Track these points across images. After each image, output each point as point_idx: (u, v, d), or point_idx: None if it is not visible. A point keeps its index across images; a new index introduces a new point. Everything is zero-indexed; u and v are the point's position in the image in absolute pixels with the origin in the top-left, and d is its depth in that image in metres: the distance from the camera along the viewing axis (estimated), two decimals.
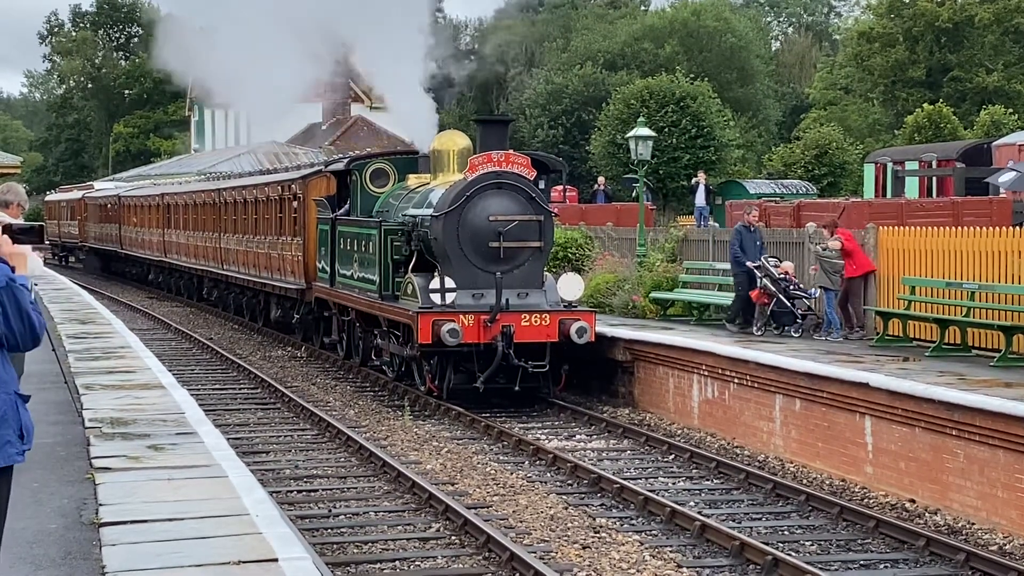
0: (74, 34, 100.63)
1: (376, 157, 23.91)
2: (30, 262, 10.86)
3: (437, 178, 21.03)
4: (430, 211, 19.73)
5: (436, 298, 18.89)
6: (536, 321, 18.98)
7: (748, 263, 19.58)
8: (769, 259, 19.53)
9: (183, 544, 7.64)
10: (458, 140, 21.34)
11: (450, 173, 20.74)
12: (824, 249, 18.98)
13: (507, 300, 18.88)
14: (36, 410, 12.42)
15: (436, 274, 19.27)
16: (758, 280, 19.46)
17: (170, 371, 17.12)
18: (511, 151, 20.02)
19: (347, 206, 23.46)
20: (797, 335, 19.04)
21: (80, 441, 11.04)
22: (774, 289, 19.30)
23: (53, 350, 15.45)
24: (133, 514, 8.36)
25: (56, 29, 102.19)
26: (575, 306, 19.57)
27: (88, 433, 11.29)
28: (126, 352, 17.84)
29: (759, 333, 19.36)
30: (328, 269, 24.01)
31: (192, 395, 15.70)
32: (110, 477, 9.50)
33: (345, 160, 24.49)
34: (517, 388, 18.93)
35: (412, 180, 22.12)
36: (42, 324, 6.24)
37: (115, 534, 7.91)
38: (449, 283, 18.94)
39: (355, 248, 22.39)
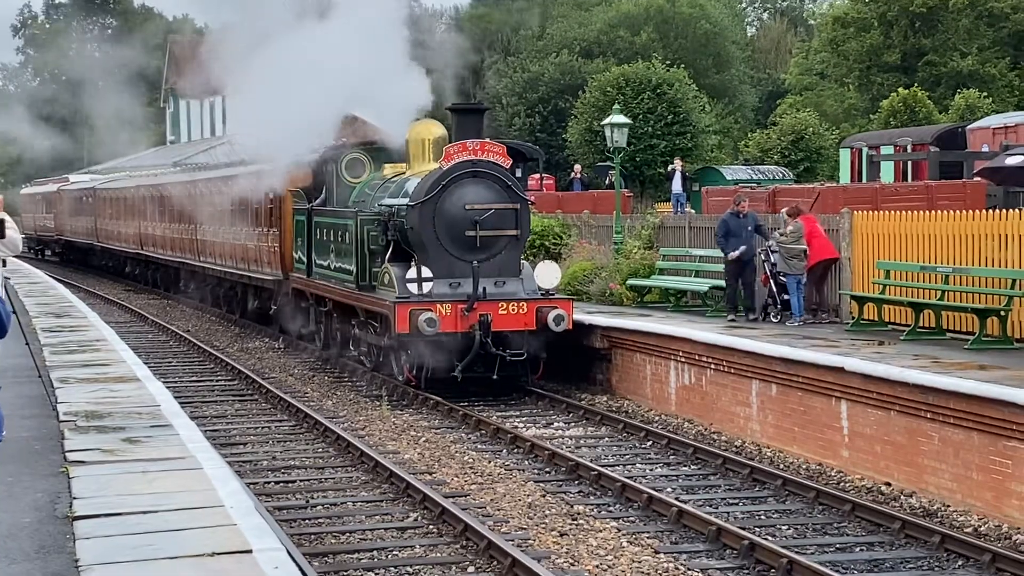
0: (48, 26, 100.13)
1: (351, 147, 23.85)
2: (10, 236, 10.87)
3: (413, 167, 21.00)
4: (406, 200, 19.71)
5: (413, 288, 18.89)
6: (513, 309, 19.00)
7: (729, 252, 19.50)
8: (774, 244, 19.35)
9: (157, 536, 7.63)
10: (433, 129, 21.26)
11: (426, 162, 20.71)
12: (781, 235, 18.98)
13: (484, 289, 18.90)
14: (11, 404, 12.41)
15: (413, 264, 19.24)
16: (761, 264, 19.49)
17: (147, 364, 17.09)
18: (487, 140, 20.01)
19: (323, 196, 23.40)
20: (776, 320, 19.10)
21: (55, 435, 11.01)
22: (767, 273, 19.35)
23: (27, 344, 15.36)
24: (107, 507, 8.34)
25: (30, 21, 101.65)
26: (552, 294, 19.60)
27: (63, 427, 11.26)
28: (102, 345, 17.79)
29: (761, 319, 19.35)
30: (305, 260, 23.97)
31: (169, 387, 15.68)
32: (84, 470, 9.48)
33: (321, 150, 24.43)
34: (495, 377, 18.91)
35: (388, 170, 22.08)
36: (8, 314, 6.25)
37: (89, 527, 7.89)
38: (426, 272, 18.94)
39: (332, 238, 22.32)
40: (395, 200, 20.31)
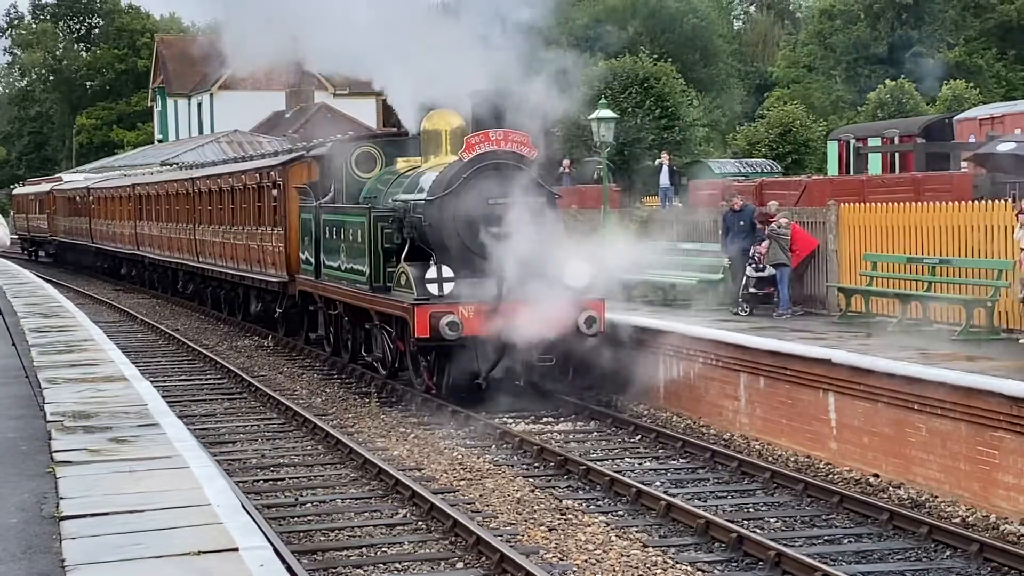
0: (34, 26, 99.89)
1: (361, 140, 23.01)
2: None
3: (428, 161, 19.94)
4: (422, 196, 18.68)
5: (433, 289, 17.85)
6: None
7: (727, 254, 19.89)
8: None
9: (143, 536, 7.61)
10: (451, 119, 20.03)
11: (443, 155, 19.71)
12: (778, 227, 19.04)
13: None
14: None
15: (432, 263, 18.13)
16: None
17: (135, 363, 17.04)
18: (510, 129, 18.59)
19: (331, 193, 22.20)
20: (744, 314, 19.03)
21: (42, 435, 10.97)
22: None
23: (13, 345, 15.34)
24: (94, 507, 8.32)
25: (16, 21, 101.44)
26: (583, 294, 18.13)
27: (50, 427, 11.22)
28: (90, 345, 17.72)
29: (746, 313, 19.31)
30: (313, 260, 22.76)
31: (158, 387, 15.65)
32: (71, 471, 9.45)
33: (328, 144, 23.41)
34: (521, 383, 17.99)
35: (401, 164, 20.97)
36: None
37: (75, 527, 7.86)
38: (446, 272, 17.91)
39: (342, 237, 21.11)
40: (410, 195, 19.18)
